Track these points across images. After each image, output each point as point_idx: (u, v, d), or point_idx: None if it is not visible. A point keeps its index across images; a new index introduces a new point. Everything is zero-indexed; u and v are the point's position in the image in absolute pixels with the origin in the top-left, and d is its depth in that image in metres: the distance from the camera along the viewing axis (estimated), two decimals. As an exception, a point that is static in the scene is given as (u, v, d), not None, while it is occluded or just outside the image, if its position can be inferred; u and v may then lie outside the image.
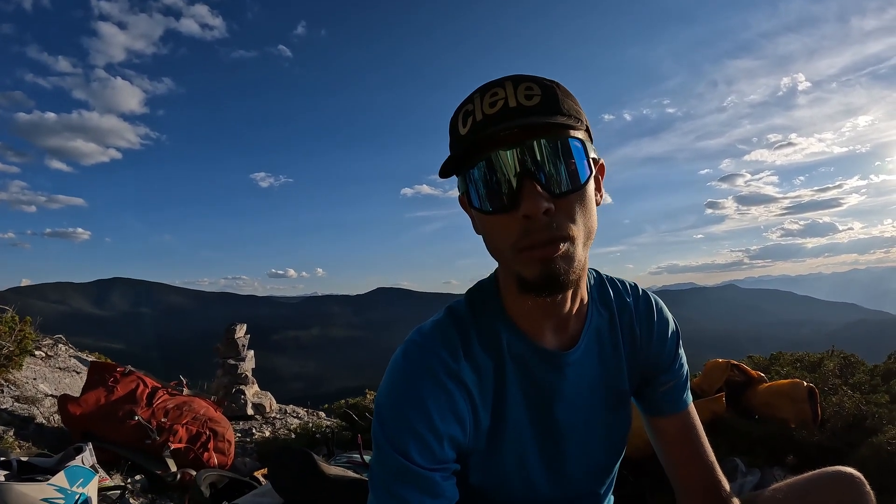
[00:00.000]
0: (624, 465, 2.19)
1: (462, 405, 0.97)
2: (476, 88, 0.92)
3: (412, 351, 0.99)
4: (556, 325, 1.05)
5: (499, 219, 0.90)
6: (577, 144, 0.90)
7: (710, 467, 1.15)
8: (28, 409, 3.91)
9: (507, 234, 0.89)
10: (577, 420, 1.09)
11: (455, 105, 0.97)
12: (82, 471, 1.86)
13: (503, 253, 0.93)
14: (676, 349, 1.20)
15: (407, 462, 0.90)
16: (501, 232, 0.90)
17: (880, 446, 1.99)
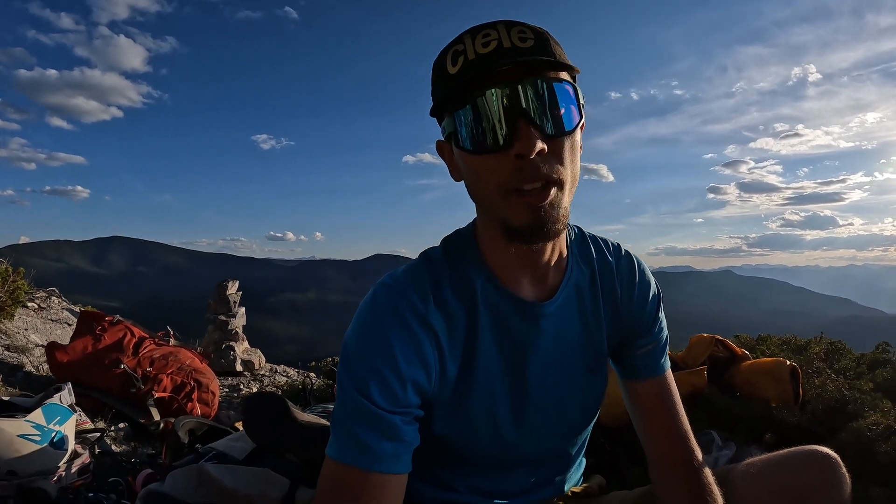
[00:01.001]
0: (601, 433, 2.20)
1: (428, 350, 0.97)
2: (465, 30, 0.90)
3: (381, 293, 0.98)
4: (534, 275, 1.04)
5: (489, 159, 0.88)
6: (570, 89, 0.90)
7: (683, 435, 1.14)
8: (17, 358, 3.93)
9: (497, 175, 0.88)
10: (552, 376, 1.09)
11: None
12: (59, 409, 1.88)
13: (490, 196, 0.91)
14: (657, 312, 1.20)
15: (368, 403, 0.90)
16: (491, 173, 0.89)
17: (860, 431, 1.99)
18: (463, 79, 0.87)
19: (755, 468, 1.11)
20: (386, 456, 0.90)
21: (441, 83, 0.91)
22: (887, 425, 1.97)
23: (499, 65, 0.84)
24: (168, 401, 3.02)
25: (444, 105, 0.92)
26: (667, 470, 1.13)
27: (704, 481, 1.08)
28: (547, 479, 1.22)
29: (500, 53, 0.85)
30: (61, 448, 1.86)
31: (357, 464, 0.89)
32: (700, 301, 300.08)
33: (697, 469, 1.10)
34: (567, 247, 1.10)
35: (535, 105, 0.86)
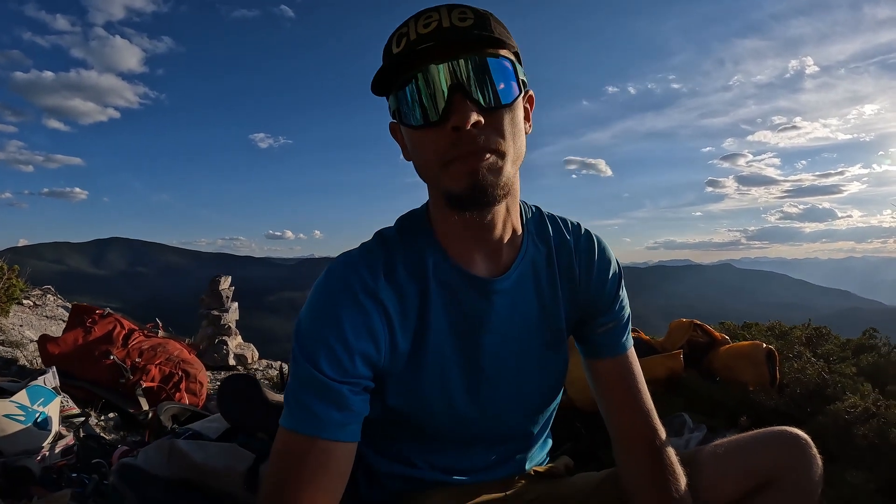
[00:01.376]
0: (578, 418, 2.22)
1: (377, 323, 0.99)
2: (422, 10, 0.94)
3: (334, 269, 1.02)
4: (487, 252, 1.06)
5: (429, 133, 0.92)
6: (507, 64, 0.93)
7: (646, 414, 1.14)
8: (11, 352, 3.97)
9: (436, 148, 0.92)
10: (507, 353, 1.10)
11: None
12: (43, 390, 1.94)
13: (432, 168, 0.95)
14: (617, 290, 1.20)
15: (317, 373, 0.93)
16: (430, 146, 0.92)
17: (838, 414, 1.98)
18: (403, 58, 0.90)
19: (722, 449, 1.12)
20: (333, 424, 0.92)
21: (386, 64, 0.94)
22: (865, 408, 1.96)
23: (437, 43, 0.88)
24: (156, 391, 3.07)
25: (389, 85, 0.96)
26: (628, 448, 1.14)
27: (666, 460, 1.09)
28: (507, 457, 1.22)
29: (440, 32, 0.89)
30: (45, 428, 1.91)
31: (306, 431, 0.92)
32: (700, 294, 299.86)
33: (659, 447, 1.11)
34: (523, 225, 1.11)
35: (471, 79, 0.90)
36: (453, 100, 0.89)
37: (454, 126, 0.88)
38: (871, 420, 1.91)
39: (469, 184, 0.91)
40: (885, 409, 1.94)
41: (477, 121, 0.88)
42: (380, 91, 0.99)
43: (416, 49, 0.89)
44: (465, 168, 0.90)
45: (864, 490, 1.68)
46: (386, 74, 0.94)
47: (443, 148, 0.91)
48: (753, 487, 1.07)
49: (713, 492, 1.08)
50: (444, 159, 0.91)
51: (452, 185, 0.92)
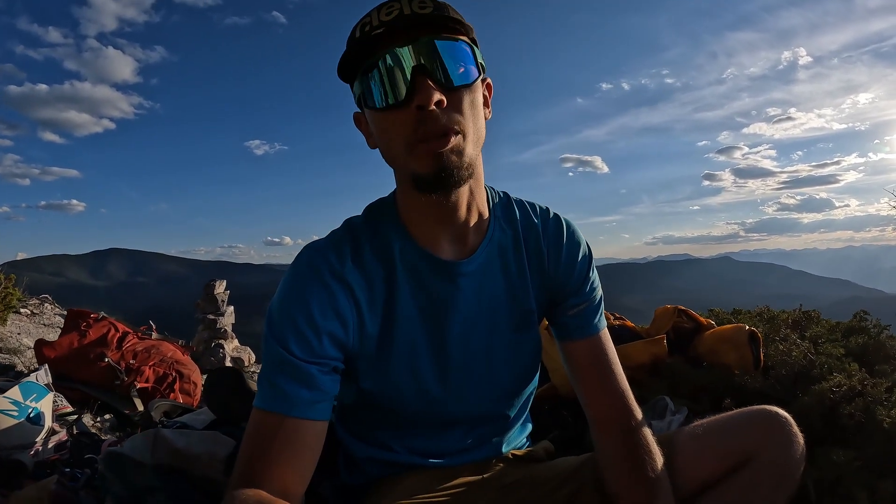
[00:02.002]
0: (564, 407, 2.23)
1: (344, 304, 1.02)
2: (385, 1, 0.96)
3: (303, 255, 1.05)
4: (453, 235, 1.08)
5: (393, 115, 0.94)
6: (466, 48, 0.97)
7: (620, 395, 1.15)
8: (9, 359, 4.01)
9: (401, 130, 0.94)
10: (476, 336, 1.12)
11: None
12: (36, 387, 1.97)
13: (397, 150, 0.97)
14: (587, 272, 1.21)
15: (286, 353, 0.96)
16: (396, 128, 0.95)
17: (823, 393, 1.95)
18: (366, 43, 0.93)
19: (701, 429, 1.12)
20: (302, 402, 0.94)
21: (349, 51, 0.97)
22: (851, 386, 1.94)
23: (399, 28, 0.91)
24: (151, 391, 3.10)
25: (352, 71, 0.99)
26: (604, 429, 1.14)
27: (642, 440, 1.09)
28: (483, 440, 1.23)
29: (400, 18, 0.91)
30: (38, 423, 1.94)
31: (276, 409, 0.94)
32: (700, 288, 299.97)
33: (634, 428, 1.11)
34: (490, 210, 1.13)
35: (432, 61, 0.93)
36: (416, 80, 0.91)
37: (418, 105, 0.91)
38: (857, 399, 1.89)
39: (434, 165, 0.93)
40: (871, 387, 1.92)
41: (440, 100, 0.91)
42: (345, 78, 1.02)
43: (379, 34, 0.92)
44: (429, 149, 0.92)
45: (850, 468, 1.67)
46: (349, 60, 0.97)
47: (409, 128, 0.93)
48: (733, 466, 1.06)
49: (692, 471, 1.08)
50: (409, 140, 0.94)
51: (418, 166, 0.94)
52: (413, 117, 0.92)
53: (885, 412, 1.77)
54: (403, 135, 0.94)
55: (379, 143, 1.02)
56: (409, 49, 0.92)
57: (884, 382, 1.96)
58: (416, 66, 0.92)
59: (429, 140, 0.92)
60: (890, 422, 1.73)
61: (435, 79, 0.92)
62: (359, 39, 0.94)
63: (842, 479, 1.67)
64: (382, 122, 0.97)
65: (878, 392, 1.89)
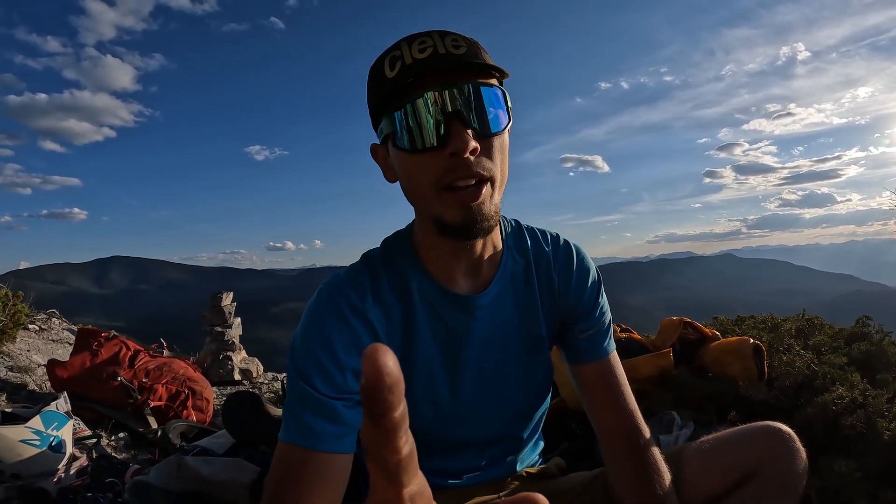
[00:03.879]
0: (572, 419, 2.28)
1: (366, 341, 1.04)
2: (402, 38, 0.97)
3: (324, 292, 1.08)
4: (468, 270, 1.11)
5: (424, 157, 0.95)
6: (500, 93, 0.97)
7: (629, 415, 1.18)
8: (21, 378, 4.02)
9: (431, 172, 0.95)
10: (490, 362, 1.15)
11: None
12: (56, 415, 2.02)
13: (424, 193, 0.98)
14: (597, 298, 1.24)
15: (311, 390, 0.99)
16: (425, 170, 0.95)
17: (826, 405, 1.99)
18: (401, 82, 0.93)
19: (708, 445, 1.16)
20: (329, 437, 0.97)
21: (379, 87, 0.97)
22: (852, 398, 1.97)
23: (434, 69, 0.92)
24: (164, 409, 3.14)
25: (382, 108, 0.98)
26: (613, 448, 1.18)
27: (650, 458, 1.13)
28: (499, 460, 1.27)
29: (436, 58, 0.92)
30: (59, 451, 1.98)
31: (303, 444, 0.97)
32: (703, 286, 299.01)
33: (643, 446, 1.15)
34: (502, 240, 1.16)
35: (468, 107, 0.93)
36: (451, 126, 0.92)
37: (452, 152, 0.92)
38: (858, 410, 1.92)
39: (463, 216, 0.95)
40: (872, 398, 1.96)
41: (474, 147, 0.92)
42: (372, 111, 1.02)
43: (414, 74, 0.92)
44: (458, 198, 0.94)
45: (851, 478, 1.70)
46: (381, 97, 0.97)
47: (439, 173, 0.94)
48: (738, 480, 1.10)
49: (699, 486, 1.12)
50: (438, 184, 0.95)
51: (445, 213, 0.97)
52: (444, 162, 0.93)
53: (886, 424, 1.81)
54: (432, 179, 0.95)
55: (404, 183, 1.03)
56: (445, 93, 0.92)
57: (884, 393, 1.99)
58: (452, 112, 0.92)
59: (458, 189, 0.94)
60: (890, 434, 1.77)
61: (470, 125, 0.93)
62: (391, 79, 0.94)
63: (844, 488, 1.71)
64: (411, 165, 0.98)
65: (879, 403, 1.92)
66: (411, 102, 0.93)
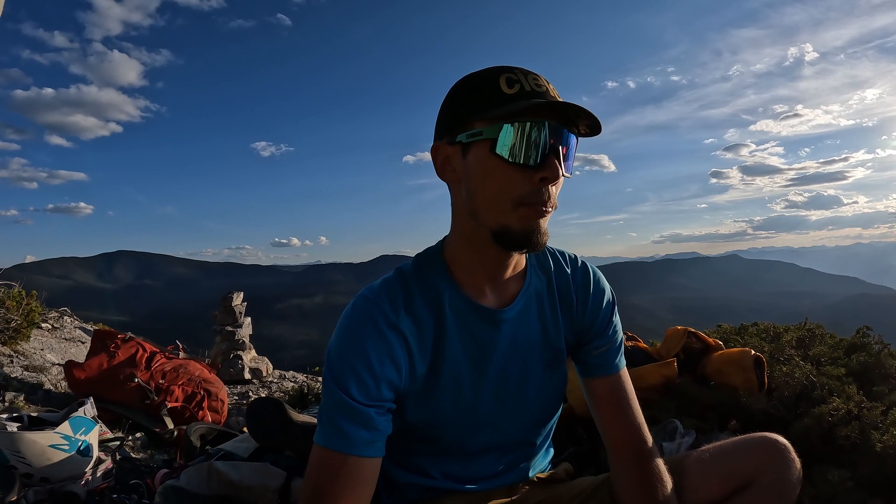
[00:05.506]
0: (580, 425, 2.35)
1: (399, 352, 1.13)
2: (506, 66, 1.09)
3: (359, 304, 1.16)
4: (495, 285, 1.20)
5: (519, 172, 1.04)
6: (576, 145, 1.11)
7: (636, 427, 1.26)
8: (36, 377, 4.10)
9: (518, 186, 1.05)
10: (513, 372, 1.24)
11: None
12: (84, 420, 2.11)
13: (501, 202, 1.07)
14: (611, 317, 1.33)
15: (347, 398, 1.07)
16: (514, 183, 1.05)
17: (822, 416, 2.04)
18: (526, 101, 1.03)
19: (707, 454, 1.23)
20: (362, 442, 1.06)
21: (492, 97, 1.05)
22: (847, 410, 2.03)
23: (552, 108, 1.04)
24: (180, 410, 3.23)
25: (497, 116, 1.05)
26: (620, 458, 1.25)
27: (654, 468, 1.20)
28: (513, 466, 1.36)
29: (547, 95, 1.05)
30: (87, 455, 2.08)
31: (338, 448, 1.06)
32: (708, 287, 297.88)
33: (648, 457, 1.22)
34: (527, 259, 1.26)
35: (568, 145, 1.07)
36: (551, 155, 1.04)
37: (544, 177, 1.04)
38: (853, 422, 1.98)
39: (530, 228, 1.06)
40: (866, 411, 2.02)
41: (557, 181, 1.05)
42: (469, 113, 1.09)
43: (539, 100, 1.03)
44: (535, 214, 1.06)
45: (843, 487, 1.77)
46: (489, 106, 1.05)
47: (525, 189, 1.04)
48: (735, 488, 1.18)
49: (698, 494, 1.20)
50: (520, 200, 1.05)
51: (515, 223, 1.07)
52: (533, 183, 1.04)
53: (878, 436, 1.88)
54: (517, 193, 1.05)
55: (479, 186, 1.10)
56: (559, 129, 1.05)
57: (879, 406, 2.06)
58: (555, 144, 1.04)
59: (535, 206, 1.05)
60: (881, 445, 1.84)
61: (561, 161, 1.05)
62: (510, 95, 1.04)
63: (836, 496, 1.78)
64: (502, 174, 1.06)
65: (874, 416, 1.99)
66: (528, 122, 1.03)
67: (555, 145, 1.05)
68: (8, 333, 4.63)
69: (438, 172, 1.17)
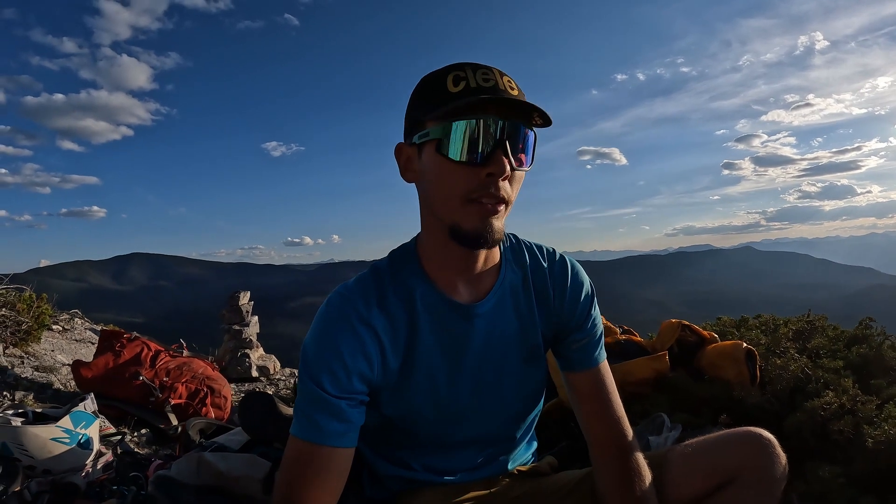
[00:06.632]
0: (571, 419, 2.36)
1: (371, 347, 1.16)
2: (460, 63, 1.10)
3: (333, 301, 1.19)
4: (469, 280, 1.22)
5: (464, 169, 1.06)
6: (533, 138, 1.12)
7: (616, 421, 1.27)
8: (46, 377, 4.18)
9: (464, 184, 1.06)
10: (489, 367, 1.26)
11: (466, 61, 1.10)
12: (85, 415, 2.18)
13: (451, 200, 1.09)
14: (589, 310, 1.34)
15: (320, 391, 1.11)
16: (461, 181, 1.07)
17: (814, 411, 2.03)
18: (466, 98, 1.03)
19: (690, 449, 1.25)
20: (334, 433, 1.11)
21: (439, 97, 1.07)
22: (840, 404, 2.01)
23: (495, 101, 1.05)
24: (184, 407, 3.29)
25: (435, 116, 1.07)
26: (600, 451, 1.27)
27: (633, 462, 1.22)
28: (492, 458, 1.38)
29: (496, 91, 1.05)
30: (87, 448, 2.15)
31: (310, 439, 1.10)
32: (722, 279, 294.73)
33: (628, 451, 1.24)
34: (501, 253, 1.28)
35: (515, 142, 1.07)
36: (497, 151, 1.05)
37: (490, 173, 1.05)
38: (846, 416, 1.96)
39: (480, 226, 1.07)
40: (861, 405, 1.99)
41: (507, 175, 1.06)
42: (420, 114, 1.12)
43: (480, 95, 1.03)
44: (480, 211, 1.07)
45: (835, 484, 1.76)
46: (436, 106, 1.07)
47: (472, 186, 1.06)
48: (719, 483, 1.19)
49: (680, 488, 1.22)
50: (468, 196, 1.07)
51: (465, 222, 1.08)
52: (479, 179, 1.06)
53: (871, 431, 1.85)
54: (464, 190, 1.06)
55: (431, 186, 1.13)
56: (501, 123, 1.05)
57: (874, 400, 2.03)
58: (500, 139, 1.05)
59: (482, 203, 1.07)
60: (873, 440, 1.81)
61: (509, 156, 1.06)
62: (454, 93, 1.05)
63: (826, 493, 1.76)
64: (448, 172, 1.08)
65: (868, 410, 1.97)
66: (469, 120, 1.04)
67: (501, 140, 1.05)
68: (19, 335, 4.71)
69: (401, 173, 1.20)
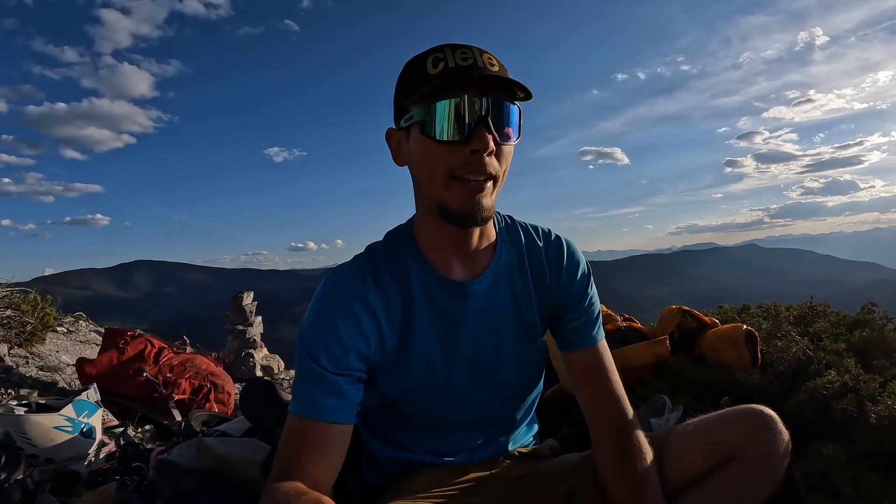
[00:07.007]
0: (573, 405, 2.36)
1: (367, 324, 1.18)
2: (441, 45, 1.11)
3: (330, 280, 1.21)
4: (464, 258, 1.23)
5: (448, 148, 1.08)
6: (517, 112, 1.13)
7: (615, 400, 1.27)
8: (51, 376, 4.20)
9: (449, 162, 1.08)
10: (485, 346, 1.27)
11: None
12: (87, 404, 2.20)
13: (436, 179, 1.11)
14: (586, 289, 1.35)
15: (317, 367, 1.12)
16: (445, 159, 1.08)
17: (816, 390, 2.01)
18: (445, 79, 1.06)
19: (691, 427, 1.26)
20: (331, 409, 1.12)
21: (418, 79, 1.09)
22: (842, 383, 2.00)
23: (474, 78, 1.06)
24: (188, 402, 3.30)
25: (418, 98, 1.09)
26: (600, 431, 1.28)
27: (633, 441, 1.23)
28: (492, 440, 1.39)
29: (476, 69, 1.06)
30: (90, 437, 2.17)
31: (307, 415, 1.11)
32: (726, 277, 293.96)
33: (628, 430, 1.24)
34: (497, 233, 1.29)
35: (497, 117, 1.08)
36: (479, 127, 1.06)
37: (474, 149, 1.06)
38: (848, 395, 1.94)
39: (466, 204, 1.09)
40: (864, 383, 1.98)
41: (492, 149, 1.07)
42: (404, 99, 1.14)
43: (459, 75, 1.05)
44: (466, 189, 1.08)
45: (837, 462, 1.74)
46: (418, 89, 1.08)
47: (455, 164, 1.07)
48: (719, 461, 1.19)
49: (682, 467, 1.22)
50: (452, 174, 1.08)
51: (451, 200, 1.10)
52: (463, 157, 1.07)
53: (874, 408, 1.83)
54: (448, 168, 1.08)
55: (418, 167, 1.15)
56: (481, 100, 1.06)
57: (878, 378, 2.01)
58: (481, 117, 1.06)
59: (468, 181, 1.08)
60: (876, 417, 1.80)
61: (492, 131, 1.07)
62: (433, 75, 1.07)
63: (830, 472, 1.74)
64: (433, 152, 1.09)
65: (871, 388, 1.95)
66: (449, 99, 1.06)
67: (484, 116, 1.07)
68: (24, 336, 4.74)
69: (393, 157, 1.21)
